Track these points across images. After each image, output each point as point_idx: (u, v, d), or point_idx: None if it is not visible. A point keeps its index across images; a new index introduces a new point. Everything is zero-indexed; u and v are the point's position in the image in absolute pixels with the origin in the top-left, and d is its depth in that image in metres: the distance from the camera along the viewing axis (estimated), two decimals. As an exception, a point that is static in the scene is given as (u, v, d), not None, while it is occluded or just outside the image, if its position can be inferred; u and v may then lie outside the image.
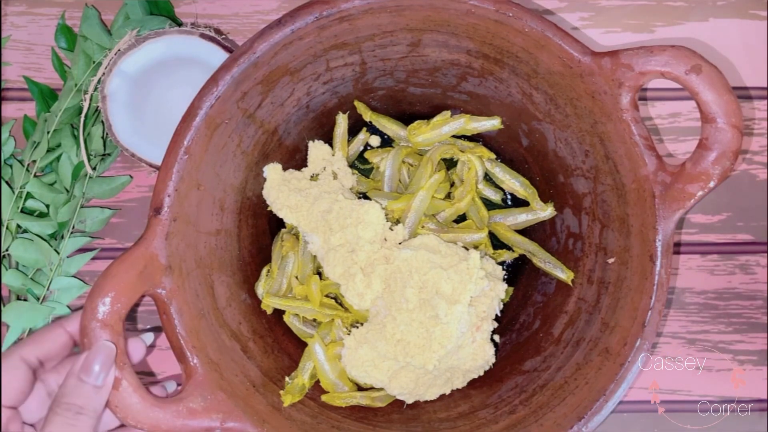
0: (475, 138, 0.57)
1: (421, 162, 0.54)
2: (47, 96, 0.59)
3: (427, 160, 0.54)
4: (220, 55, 0.55)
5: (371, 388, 0.52)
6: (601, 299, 0.48)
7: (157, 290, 0.43)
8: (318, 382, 0.51)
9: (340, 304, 0.53)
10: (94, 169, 0.58)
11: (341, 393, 0.51)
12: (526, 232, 0.56)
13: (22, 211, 0.57)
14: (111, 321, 0.40)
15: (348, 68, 0.50)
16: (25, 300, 0.57)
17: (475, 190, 0.55)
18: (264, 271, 0.53)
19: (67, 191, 0.57)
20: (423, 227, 0.53)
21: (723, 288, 0.60)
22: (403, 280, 0.48)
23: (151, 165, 0.56)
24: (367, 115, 0.55)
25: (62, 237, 0.57)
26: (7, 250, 0.56)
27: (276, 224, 0.55)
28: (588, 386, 0.46)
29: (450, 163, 0.57)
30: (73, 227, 0.58)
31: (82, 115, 0.56)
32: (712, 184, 0.43)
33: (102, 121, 0.58)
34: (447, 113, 0.55)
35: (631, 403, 0.59)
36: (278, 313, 0.53)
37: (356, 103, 0.55)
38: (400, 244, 0.50)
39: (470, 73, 0.51)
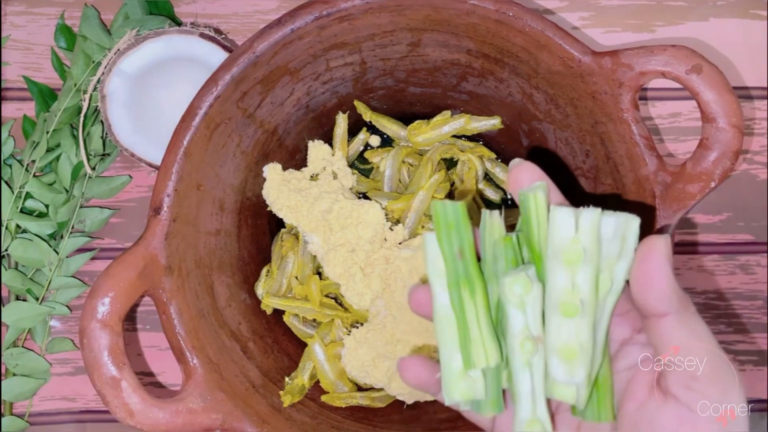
0: (475, 138, 0.57)
1: (421, 162, 0.54)
2: (47, 96, 0.59)
3: (427, 160, 0.54)
4: (219, 55, 0.55)
5: (371, 389, 0.52)
6: (601, 299, 0.48)
7: (156, 290, 0.43)
8: (318, 382, 0.51)
9: (340, 304, 0.53)
10: (93, 169, 0.58)
11: (341, 393, 0.51)
12: (526, 232, 0.56)
13: (21, 211, 0.57)
14: (110, 321, 0.40)
15: (348, 68, 0.50)
16: (25, 300, 0.57)
17: (476, 189, 0.55)
18: (264, 271, 0.53)
19: (67, 191, 0.57)
20: (423, 227, 0.53)
21: (723, 288, 0.60)
22: (403, 280, 0.48)
23: (150, 165, 0.56)
24: (367, 115, 0.55)
25: (62, 237, 0.57)
26: (6, 250, 0.56)
27: (276, 224, 0.55)
28: (588, 386, 0.46)
29: (450, 163, 0.57)
30: (73, 227, 0.58)
31: (82, 114, 0.56)
32: (712, 184, 0.43)
33: (101, 121, 0.58)
34: (447, 113, 0.55)
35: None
36: (278, 314, 0.53)
37: (356, 103, 0.55)
38: (400, 244, 0.50)
39: (470, 72, 0.51)
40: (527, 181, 0.33)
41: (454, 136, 0.55)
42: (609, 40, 0.62)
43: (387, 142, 0.58)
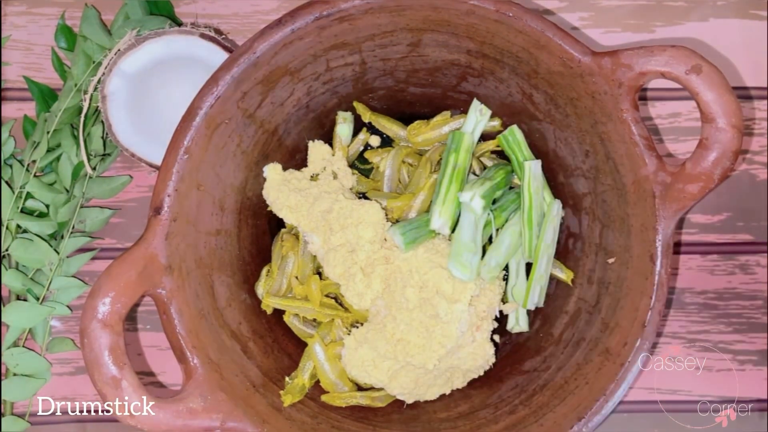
0: (475, 138, 0.57)
1: (420, 162, 0.54)
2: (47, 96, 0.59)
3: (427, 160, 0.54)
4: (220, 55, 0.55)
5: (371, 388, 0.52)
6: (601, 299, 0.48)
7: (157, 290, 0.43)
8: (318, 382, 0.51)
9: (340, 304, 0.53)
10: (93, 169, 0.58)
11: (341, 393, 0.51)
12: (526, 232, 0.56)
13: (22, 211, 0.57)
14: (111, 321, 0.40)
15: (348, 68, 0.50)
16: (25, 300, 0.57)
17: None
18: (264, 271, 0.53)
19: (67, 191, 0.57)
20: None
21: (723, 288, 0.60)
22: (403, 280, 0.48)
23: (151, 165, 0.56)
24: (366, 117, 0.55)
25: (62, 237, 0.57)
26: (7, 250, 0.56)
27: (276, 224, 0.55)
28: (588, 386, 0.46)
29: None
30: (73, 227, 0.58)
31: (82, 115, 0.56)
32: (712, 185, 0.43)
33: (102, 121, 0.58)
34: (447, 113, 0.55)
35: (631, 403, 0.59)
36: (278, 313, 0.53)
37: (355, 104, 0.55)
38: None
39: (470, 73, 0.51)
40: None
41: (454, 136, 0.56)
42: (609, 40, 0.62)
43: (387, 142, 0.58)
